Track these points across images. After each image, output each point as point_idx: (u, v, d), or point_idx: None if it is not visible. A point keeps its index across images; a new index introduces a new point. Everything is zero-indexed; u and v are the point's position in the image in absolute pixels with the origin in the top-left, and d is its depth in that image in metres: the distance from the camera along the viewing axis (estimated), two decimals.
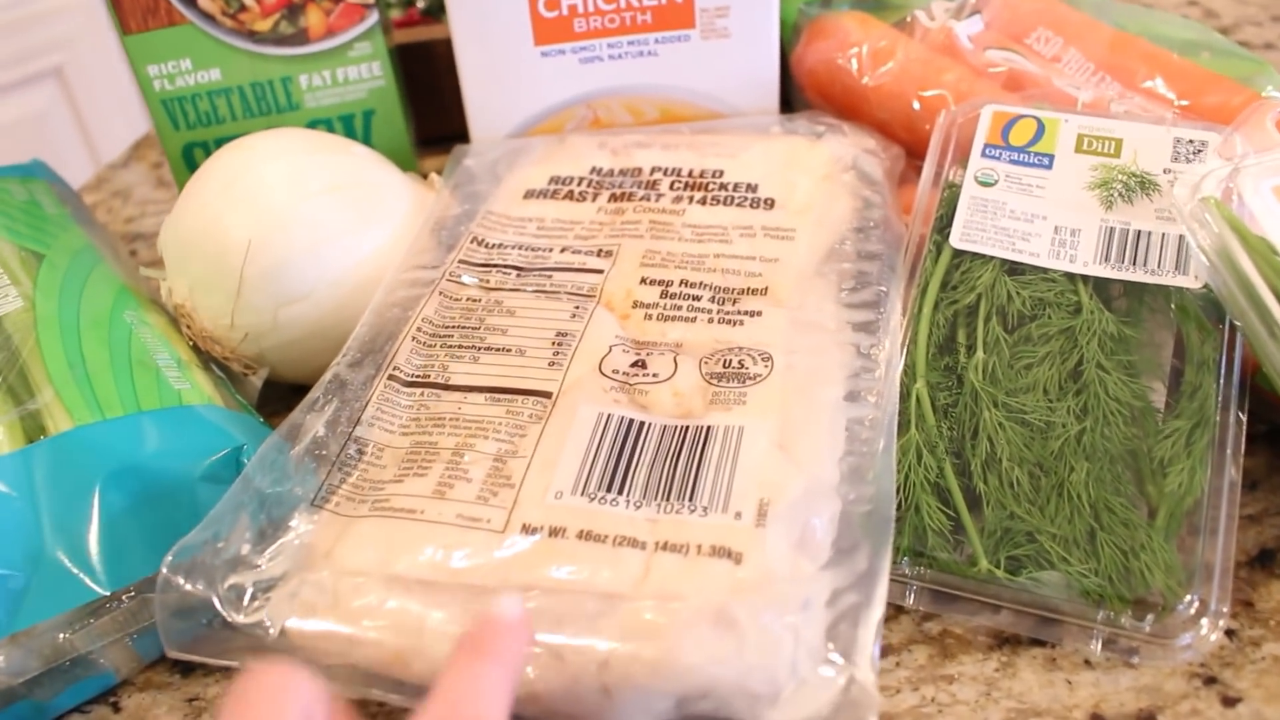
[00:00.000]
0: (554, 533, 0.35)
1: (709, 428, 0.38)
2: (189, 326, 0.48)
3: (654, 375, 0.40)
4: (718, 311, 0.43)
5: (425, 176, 0.55)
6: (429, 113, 0.67)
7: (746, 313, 0.43)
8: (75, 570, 0.38)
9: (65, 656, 0.38)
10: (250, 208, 0.46)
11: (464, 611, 0.34)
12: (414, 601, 0.34)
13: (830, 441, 0.39)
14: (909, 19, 0.56)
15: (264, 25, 0.55)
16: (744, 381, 0.40)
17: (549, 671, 0.33)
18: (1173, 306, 0.43)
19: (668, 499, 0.36)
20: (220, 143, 0.57)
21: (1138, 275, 0.43)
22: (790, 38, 0.58)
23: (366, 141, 0.59)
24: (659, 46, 0.55)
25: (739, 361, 0.41)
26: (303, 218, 0.46)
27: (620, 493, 0.36)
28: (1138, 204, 0.45)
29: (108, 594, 0.38)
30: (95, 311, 0.46)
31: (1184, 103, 0.52)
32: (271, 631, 0.34)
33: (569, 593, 0.34)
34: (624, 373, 0.41)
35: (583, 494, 0.36)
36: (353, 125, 0.58)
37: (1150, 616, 0.37)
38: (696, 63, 0.55)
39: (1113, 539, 0.38)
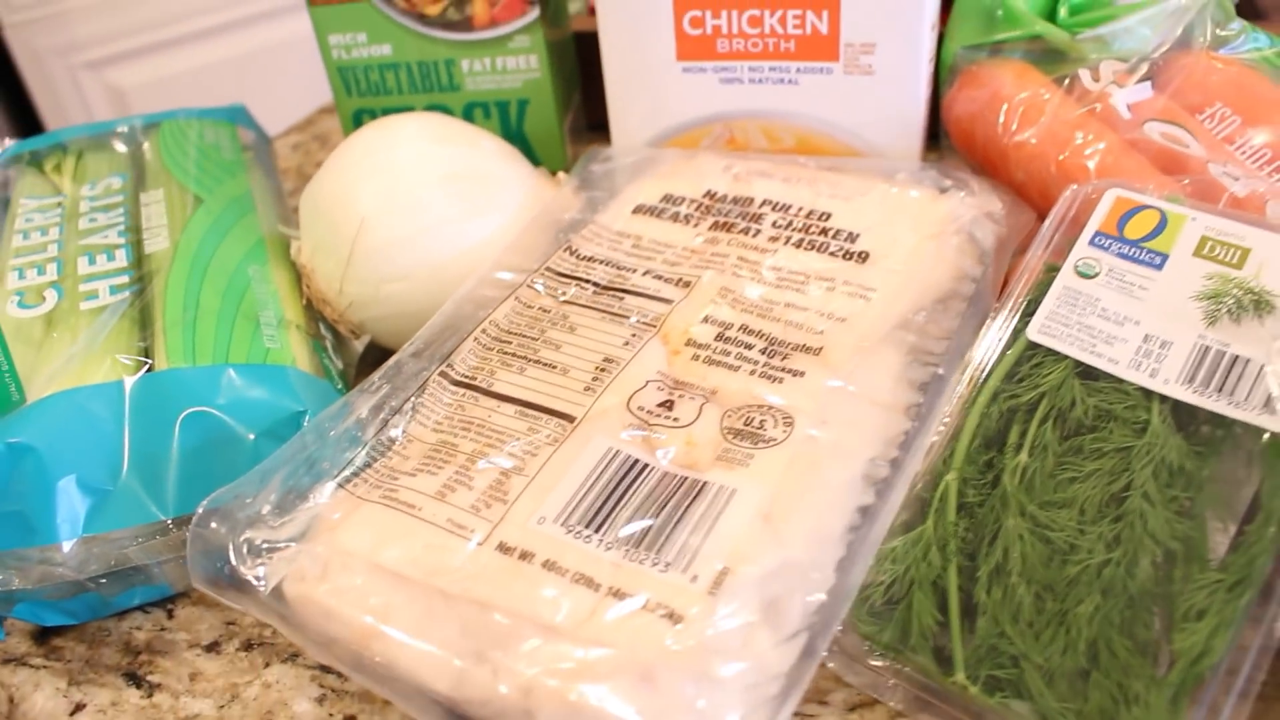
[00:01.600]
0: (524, 556, 0.37)
1: (704, 484, 0.39)
2: (308, 286, 0.52)
3: (675, 419, 0.41)
4: (763, 365, 0.43)
5: (561, 171, 0.57)
6: (598, 98, 0.69)
7: (790, 371, 0.43)
8: (144, 494, 0.43)
9: (125, 565, 0.43)
10: (371, 185, 0.50)
11: (424, 611, 0.36)
12: (387, 590, 0.37)
13: (830, 523, 0.39)
14: (1070, 82, 0.53)
15: (433, 9, 0.58)
16: (756, 443, 0.40)
17: (482, 684, 0.35)
18: (1264, 443, 0.40)
19: (638, 547, 0.37)
20: (386, 111, 0.62)
21: (1219, 405, 0.40)
22: (946, 80, 0.56)
23: (519, 129, 0.61)
24: (800, 76, 0.54)
25: (760, 421, 0.41)
26: (415, 202, 0.49)
27: (596, 531, 0.37)
28: (1246, 325, 0.42)
29: (168, 519, 0.43)
30: (225, 262, 0.51)
31: None
32: (264, 587, 0.38)
33: (517, 616, 0.35)
34: (649, 411, 0.42)
35: (563, 524, 0.38)
36: (507, 112, 0.61)
37: None
38: (837, 97, 0.54)
39: (1105, 683, 0.36)
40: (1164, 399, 0.41)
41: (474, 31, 0.58)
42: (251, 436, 0.44)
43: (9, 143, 0.64)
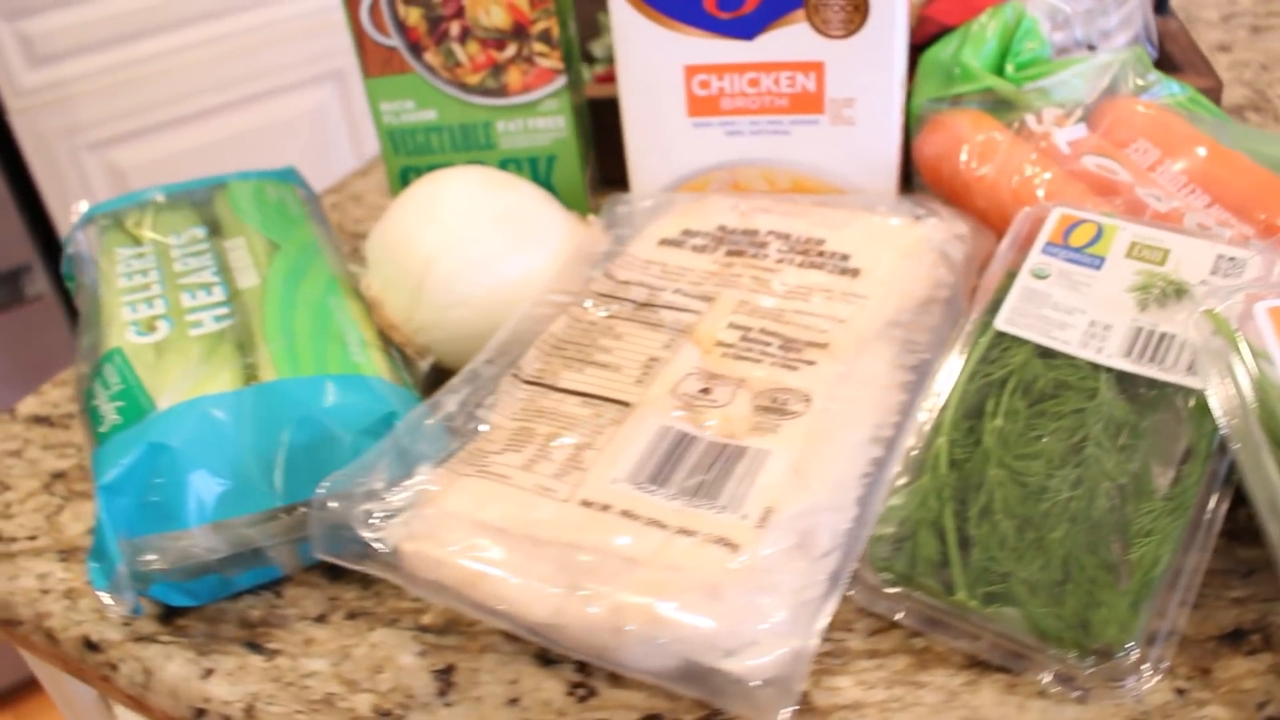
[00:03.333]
0: (603, 508, 0.45)
1: (744, 448, 0.47)
2: (378, 315, 0.60)
3: (714, 401, 0.50)
4: (781, 357, 0.52)
5: (588, 214, 0.66)
6: (614, 156, 0.78)
7: (804, 361, 0.52)
8: (261, 484, 0.51)
9: (247, 546, 0.51)
10: (434, 228, 0.59)
11: (522, 555, 0.44)
12: (488, 540, 0.45)
13: (846, 473, 0.47)
14: (1019, 126, 0.63)
15: (474, 79, 0.67)
16: (783, 415, 0.49)
17: (576, 610, 0.43)
18: (1191, 404, 0.49)
19: (695, 496, 0.45)
20: (430, 168, 0.71)
21: (1154, 372, 0.50)
22: (915, 127, 0.66)
23: (547, 181, 0.71)
24: (792, 127, 0.64)
25: (784, 399, 0.50)
26: (473, 240, 0.58)
27: (661, 486, 0.46)
28: (1170, 309, 0.51)
29: (283, 506, 0.51)
30: (310, 294, 0.59)
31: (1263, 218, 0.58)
32: (385, 548, 0.46)
33: (602, 553, 0.44)
34: (691, 396, 0.50)
35: (632, 483, 0.46)
36: (537, 166, 0.70)
37: (1093, 659, 0.44)
38: (824, 144, 0.64)
39: (1077, 591, 0.45)
40: (1109, 370, 0.50)
41: (509, 97, 0.68)
42: (350, 435, 0.52)
43: (81, 205, 0.72)
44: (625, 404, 0.50)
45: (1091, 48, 0.73)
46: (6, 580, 0.56)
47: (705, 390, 0.51)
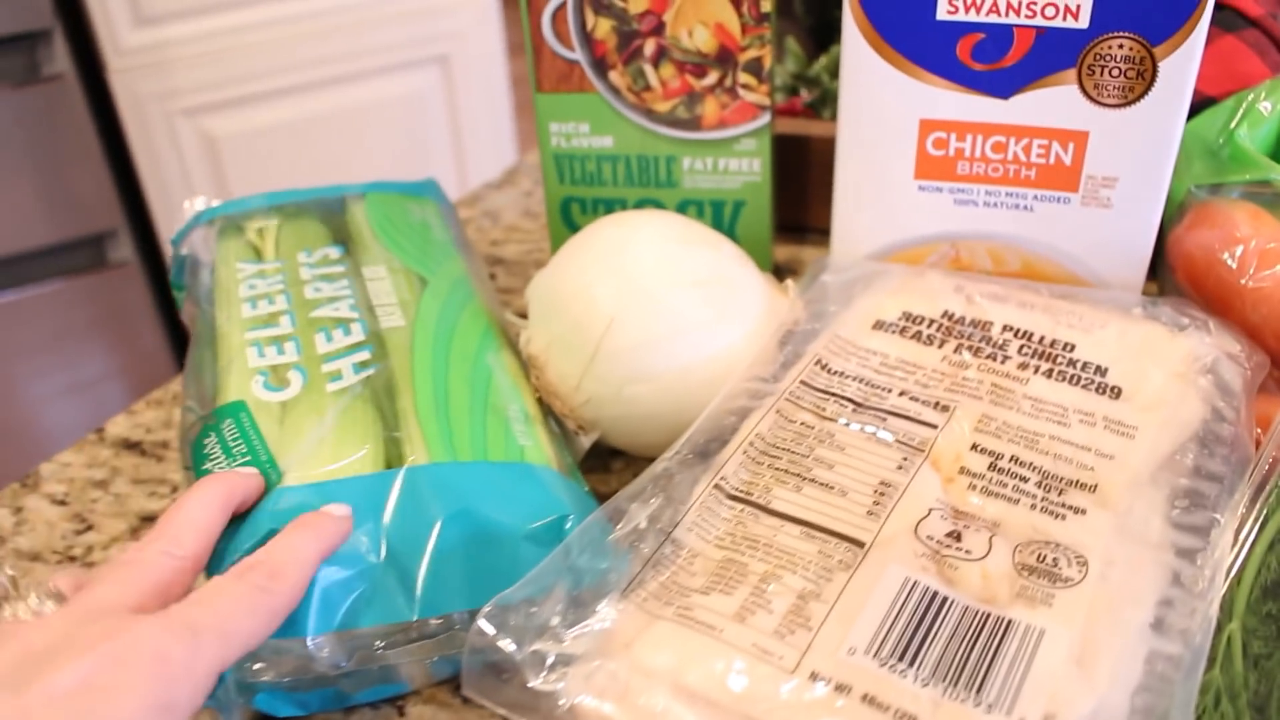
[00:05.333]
0: (840, 688, 0.36)
1: (1010, 621, 0.38)
2: (537, 377, 0.52)
3: (967, 551, 0.41)
4: (1041, 499, 0.43)
5: (778, 274, 0.57)
6: (790, 201, 0.69)
7: (1071, 508, 0.43)
8: (398, 591, 0.42)
9: (375, 663, 0.42)
10: (620, 285, 0.50)
11: None
12: (694, 713, 0.36)
13: (1128, 668, 0.38)
14: None
15: (663, 106, 0.58)
16: (1054, 581, 0.40)
17: None
18: None
19: (955, 684, 0.36)
20: (597, 203, 0.62)
21: None
22: (1173, 215, 0.57)
23: (732, 229, 0.62)
24: (1036, 203, 0.54)
25: (1053, 559, 0.41)
26: (667, 306, 0.49)
27: (911, 665, 0.37)
28: None
29: (416, 619, 0.42)
30: (464, 348, 0.51)
31: None
32: (563, 705, 0.37)
33: None
34: (938, 540, 0.41)
35: (875, 656, 0.37)
36: (722, 212, 0.61)
37: None
38: (1071, 227, 0.55)
39: None
40: None
41: (701, 131, 0.59)
42: (511, 542, 0.43)
43: (198, 202, 0.63)
44: (857, 543, 0.41)
45: None
46: None
47: (954, 535, 0.41)
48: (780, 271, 0.69)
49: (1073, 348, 0.50)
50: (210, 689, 0.35)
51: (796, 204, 0.69)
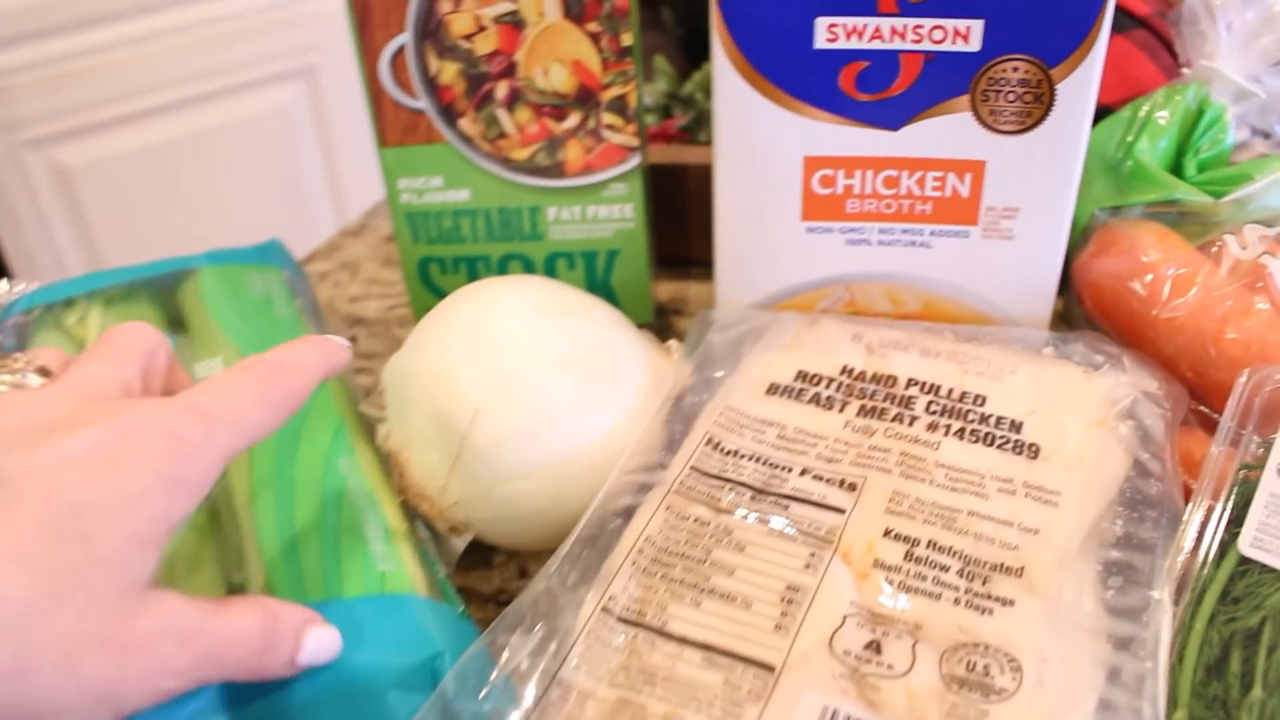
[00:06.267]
0: None
1: None
2: (400, 477, 0.46)
3: (889, 666, 0.36)
4: (965, 590, 0.39)
5: (662, 316, 0.52)
6: (669, 235, 0.64)
7: (998, 599, 0.38)
8: None
9: None
10: (482, 372, 0.44)
11: None
12: None
13: None
14: (1217, 246, 0.50)
15: (522, 154, 0.53)
16: (987, 695, 0.35)
17: None
18: None
19: None
20: (458, 261, 0.56)
21: None
22: (1077, 240, 0.53)
23: (606, 281, 0.56)
24: (934, 239, 0.50)
25: (984, 666, 0.36)
26: (535, 391, 0.44)
27: None
28: None
29: None
30: (312, 454, 0.44)
31: None
32: None
33: None
34: (856, 655, 0.37)
35: None
36: (595, 263, 0.56)
37: None
38: (972, 262, 0.51)
39: None
40: None
41: (565, 178, 0.53)
42: (379, 690, 0.37)
43: (16, 288, 0.56)
44: (766, 666, 0.36)
45: (1267, 136, 0.60)
46: None
47: (874, 646, 0.37)
48: (664, 312, 0.64)
49: (984, 400, 0.46)
50: (219, 473, 0.34)
51: (677, 237, 0.64)
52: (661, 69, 0.71)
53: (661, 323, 0.63)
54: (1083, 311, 0.53)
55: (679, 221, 0.64)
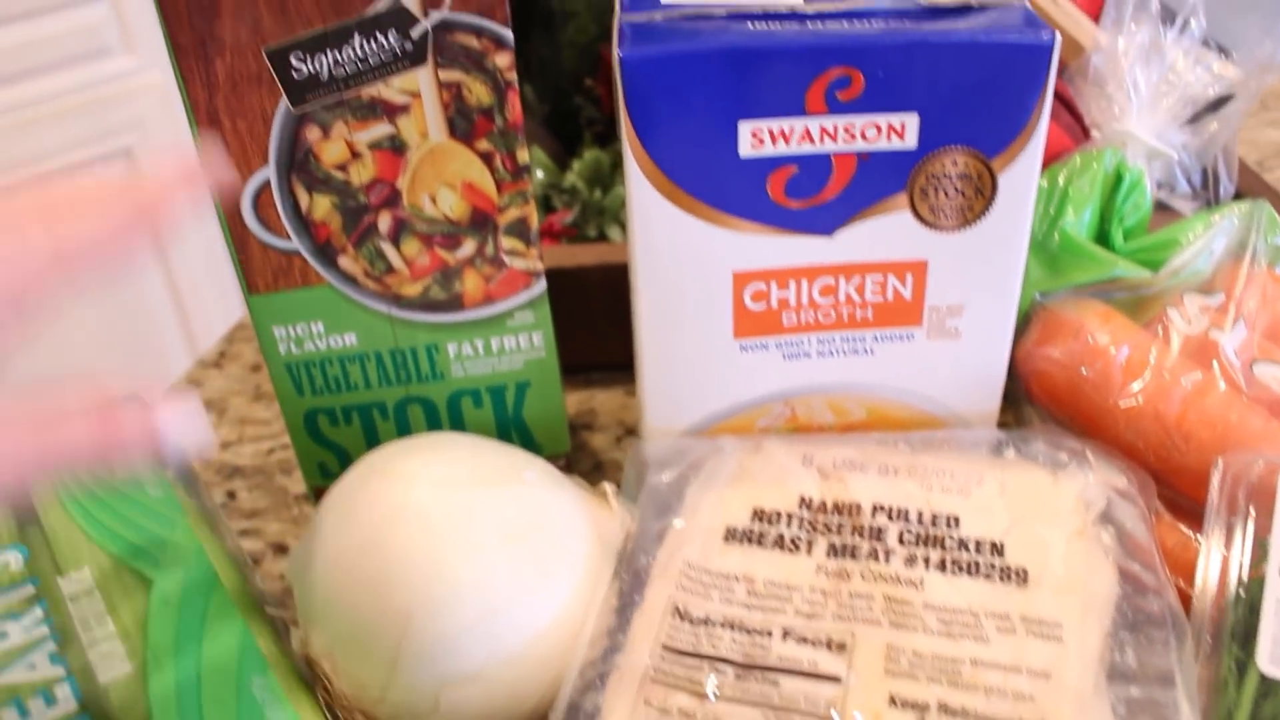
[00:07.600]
0: None
1: None
2: (326, 687, 0.40)
3: None
4: None
5: (575, 436, 0.47)
6: (569, 341, 0.59)
7: None
8: None
9: None
10: (410, 568, 0.38)
11: None
12: None
13: None
14: (1163, 326, 0.48)
15: (413, 289, 0.47)
16: None
17: None
18: None
19: None
20: (349, 411, 0.50)
21: None
22: (1019, 326, 0.50)
23: (518, 416, 0.51)
24: (877, 345, 0.47)
25: None
26: (474, 582, 0.38)
27: None
28: None
29: None
30: (218, 682, 0.38)
31: None
32: None
33: None
34: None
35: None
36: (503, 398, 0.50)
37: None
38: (917, 364, 0.47)
39: None
40: None
41: (464, 311, 0.48)
42: None
43: None
44: None
45: (1173, 189, 0.59)
46: None
47: None
48: (575, 429, 0.59)
49: (957, 521, 0.43)
50: None
51: (575, 344, 0.59)
52: (538, 159, 0.65)
53: (575, 442, 0.58)
54: (1029, 399, 0.51)
55: (581, 328, 0.59)
